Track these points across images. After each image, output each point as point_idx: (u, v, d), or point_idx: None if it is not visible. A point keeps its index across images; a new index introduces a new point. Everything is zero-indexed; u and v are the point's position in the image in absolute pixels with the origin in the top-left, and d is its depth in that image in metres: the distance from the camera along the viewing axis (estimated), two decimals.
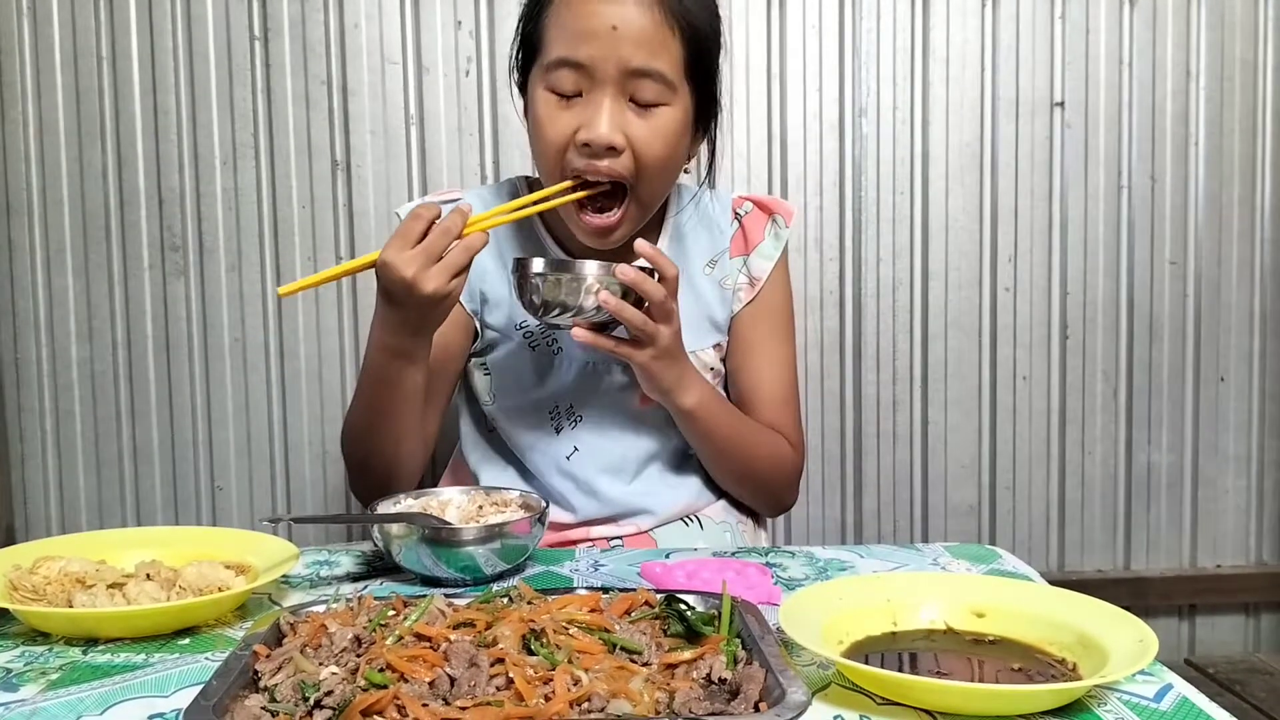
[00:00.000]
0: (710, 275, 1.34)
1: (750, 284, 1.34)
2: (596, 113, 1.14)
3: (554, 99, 1.17)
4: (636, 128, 1.15)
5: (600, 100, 1.14)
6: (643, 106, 1.16)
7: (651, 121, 1.16)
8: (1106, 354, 1.92)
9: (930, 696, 0.73)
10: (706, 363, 1.34)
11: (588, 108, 1.15)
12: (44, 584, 0.93)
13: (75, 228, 1.81)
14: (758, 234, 1.35)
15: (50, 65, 1.78)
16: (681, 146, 1.22)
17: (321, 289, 1.82)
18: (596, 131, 1.13)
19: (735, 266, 1.34)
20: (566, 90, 1.16)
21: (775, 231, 1.35)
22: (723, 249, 1.34)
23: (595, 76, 1.14)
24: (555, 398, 1.31)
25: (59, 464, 1.85)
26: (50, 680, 0.80)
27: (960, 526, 1.93)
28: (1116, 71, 1.87)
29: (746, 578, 1.02)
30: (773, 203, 1.36)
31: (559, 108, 1.16)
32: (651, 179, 1.19)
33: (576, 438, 1.31)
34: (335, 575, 1.08)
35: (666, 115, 1.17)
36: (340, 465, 1.87)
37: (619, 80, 1.14)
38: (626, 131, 1.15)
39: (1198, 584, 1.96)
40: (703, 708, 0.69)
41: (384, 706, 0.67)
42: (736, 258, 1.34)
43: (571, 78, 1.15)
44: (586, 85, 1.15)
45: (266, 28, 1.78)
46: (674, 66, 1.16)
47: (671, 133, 1.18)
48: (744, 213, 1.36)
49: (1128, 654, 0.76)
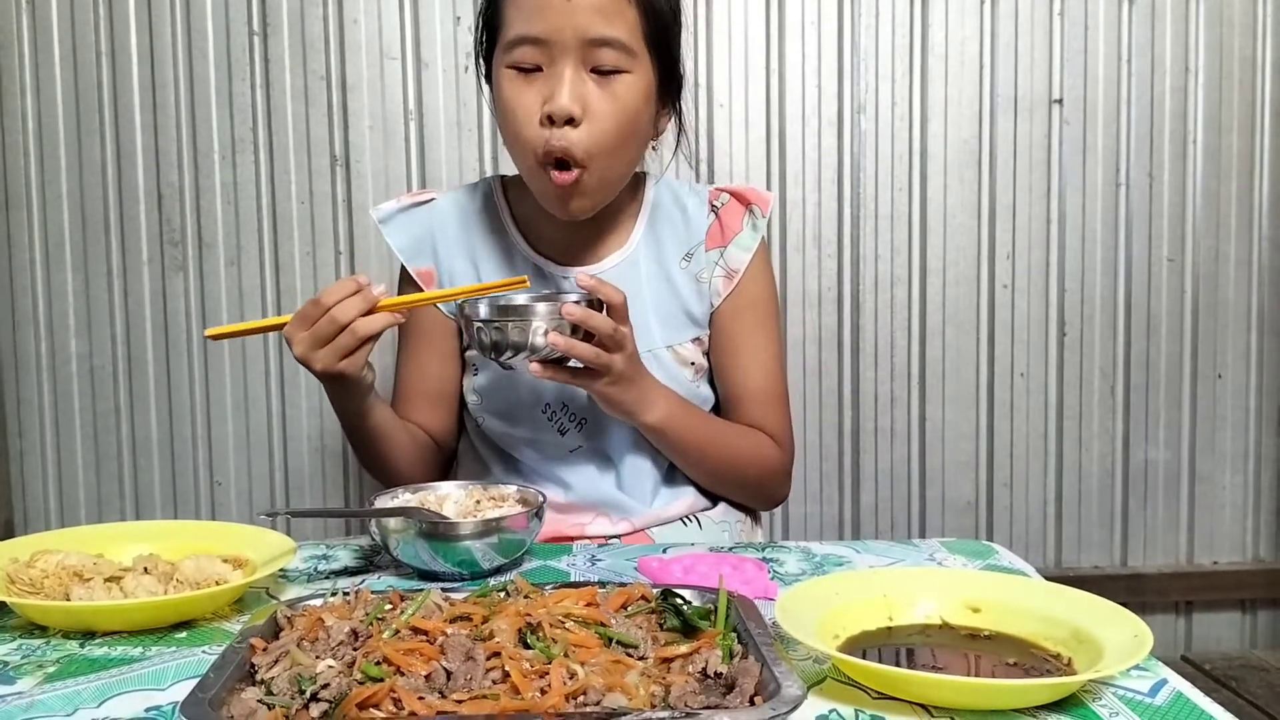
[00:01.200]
0: (686, 269, 1.33)
1: (728, 276, 1.33)
2: (558, 84, 1.15)
3: (517, 76, 1.18)
4: (596, 98, 1.16)
5: (561, 72, 1.15)
6: (603, 75, 1.17)
7: (612, 89, 1.17)
8: (1104, 351, 1.92)
9: (925, 691, 0.74)
10: (685, 357, 1.33)
11: (549, 80, 1.16)
12: (41, 577, 0.93)
13: (74, 223, 1.81)
14: (735, 225, 1.34)
15: (49, 60, 1.78)
16: (645, 116, 1.22)
17: (319, 283, 1.82)
18: (556, 103, 1.14)
19: (711, 259, 1.33)
20: (527, 65, 1.17)
21: (752, 222, 1.33)
22: (698, 242, 1.33)
23: (554, 49, 1.15)
24: (550, 398, 1.31)
25: (58, 458, 1.85)
26: (47, 673, 0.81)
27: (958, 523, 1.93)
28: (1115, 68, 1.87)
29: (743, 572, 1.03)
30: (749, 192, 1.35)
31: (522, 84, 1.17)
32: (604, 153, 1.18)
33: (583, 438, 1.31)
34: (333, 569, 1.08)
35: (628, 82, 1.18)
36: (339, 460, 1.87)
37: (578, 50, 1.15)
38: (586, 102, 1.15)
39: (1194, 581, 1.96)
40: (698, 701, 0.70)
41: (380, 699, 0.68)
42: (713, 250, 1.33)
43: (532, 53, 1.16)
44: (546, 59, 1.16)
45: (265, 23, 1.78)
46: (632, 33, 1.17)
47: (633, 100, 1.18)
48: (720, 204, 1.35)
49: (1123, 649, 0.76)
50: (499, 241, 1.32)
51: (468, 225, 1.33)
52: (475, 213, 1.33)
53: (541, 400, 1.30)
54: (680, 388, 1.30)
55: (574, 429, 1.31)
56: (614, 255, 1.31)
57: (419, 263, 1.33)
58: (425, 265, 1.33)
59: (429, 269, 1.33)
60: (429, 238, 1.33)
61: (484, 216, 1.33)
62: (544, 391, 1.29)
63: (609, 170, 1.21)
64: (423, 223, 1.33)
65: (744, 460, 1.32)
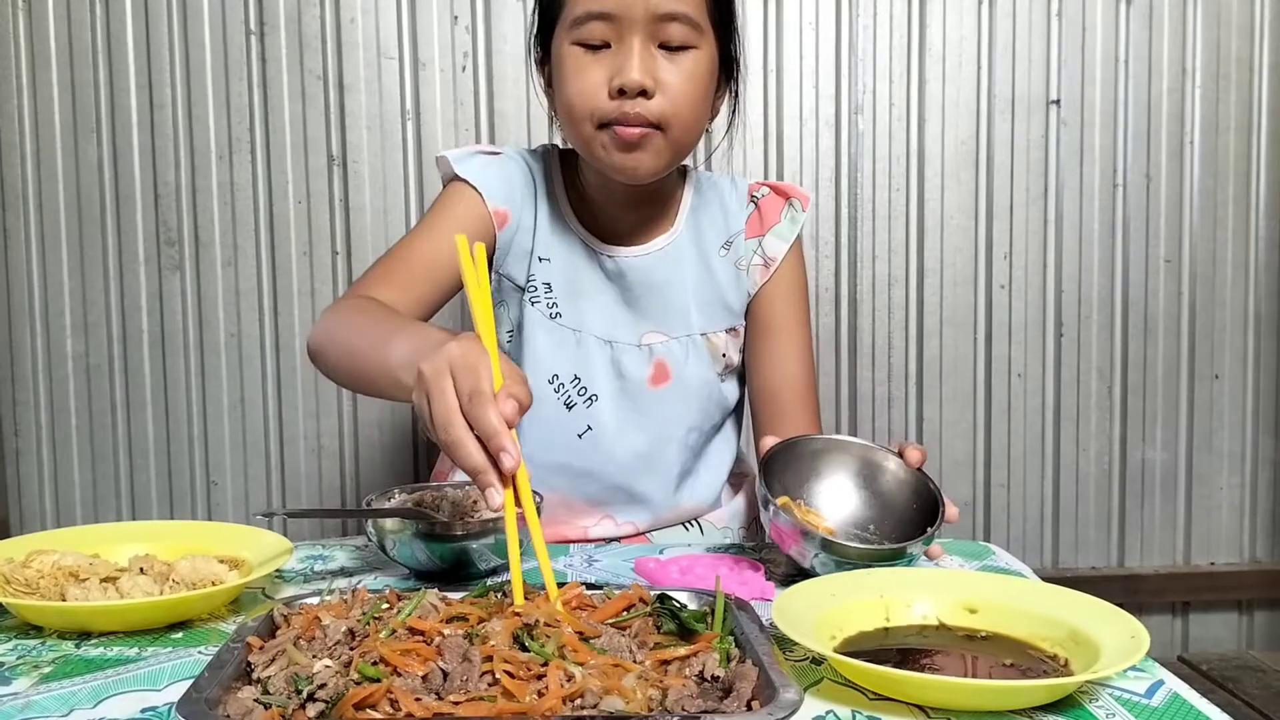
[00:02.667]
0: (725, 257, 1.33)
1: (765, 265, 1.34)
2: (628, 57, 1.15)
3: (583, 53, 1.17)
4: (667, 71, 1.17)
5: (630, 46, 1.15)
6: (671, 51, 1.17)
7: (681, 64, 1.17)
8: (1101, 351, 1.92)
9: (922, 692, 0.74)
10: (718, 348, 1.32)
11: (618, 55, 1.16)
12: (37, 578, 0.93)
13: (71, 222, 1.80)
14: (774, 216, 1.35)
15: (46, 59, 1.78)
16: (709, 91, 1.23)
17: (316, 283, 1.83)
18: (629, 76, 1.14)
19: (750, 248, 1.34)
20: (595, 41, 1.17)
21: (791, 215, 1.35)
22: (738, 230, 1.34)
23: (623, 24, 1.15)
24: (564, 370, 1.28)
25: (54, 458, 1.85)
26: (43, 674, 0.80)
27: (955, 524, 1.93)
28: (1112, 70, 1.88)
29: (740, 574, 1.03)
30: (789, 188, 1.37)
31: (589, 60, 1.17)
32: (683, 121, 1.19)
33: (591, 417, 1.28)
34: (329, 570, 1.08)
35: (695, 57, 1.18)
36: (336, 461, 1.87)
37: (647, 25, 1.15)
38: (657, 75, 1.16)
39: (1192, 581, 1.96)
40: (695, 705, 0.69)
41: (377, 700, 0.67)
42: (752, 239, 1.34)
43: (600, 28, 1.16)
44: (614, 35, 1.16)
45: (263, 22, 1.78)
46: (698, 9, 1.17)
47: (701, 74, 1.19)
48: (760, 196, 1.36)
49: (1120, 650, 0.76)
50: (553, 210, 1.31)
51: (535, 185, 1.31)
52: (541, 175, 1.32)
53: (554, 373, 1.27)
54: (705, 384, 1.31)
55: (582, 404, 1.28)
56: (660, 238, 1.31)
57: (497, 203, 1.28)
58: (502, 206, 1.28)
59: (505, 210, 1.28)
60: (505, 183, 1.29)
61: (547, 181, 1.32)
62: (560, 362, 1.27)
63: (681, 137, 1.20)
64: (500, 169, 1.30)
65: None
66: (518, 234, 1.28)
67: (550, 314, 1.28)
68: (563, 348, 1.28)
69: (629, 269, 1.28)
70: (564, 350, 1.28)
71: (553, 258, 1.27)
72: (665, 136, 1.17)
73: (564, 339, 1.28)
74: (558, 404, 1.28)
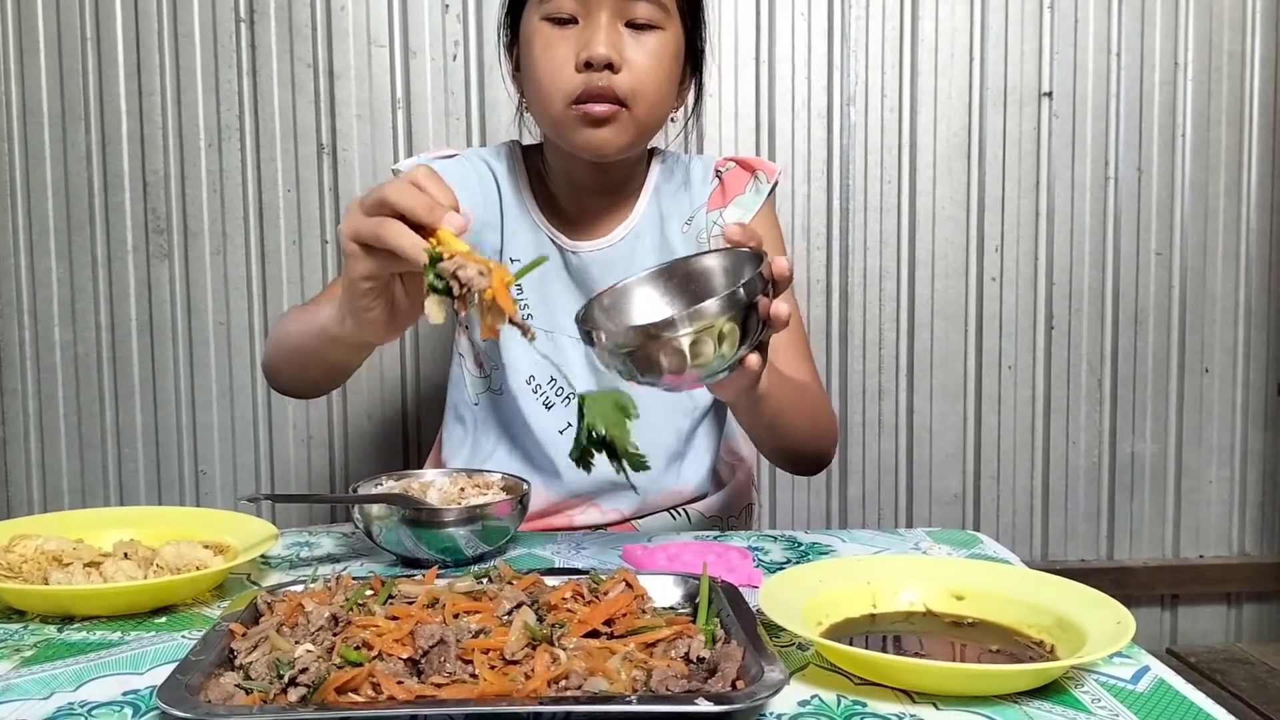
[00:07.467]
0: (687, 233, 1.33)
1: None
2: (595, 32, 1.16)
3: (551, 28, 1.19)
4: (632, 48, 1.18)
5: (598, 21, 1.17)
6: (638, 29, 1.19)
7: (646, 43, 1.19)
8: (1091, 344, 1.92)
9: (908, 677, 0.73)
10: None
11: (585, 31, 1.17)
12: (20, 562, 0.92)
13: (59, 210, 1.79)
14: (737, 189, 1.34)
15: (34, 46, 1.77)
16: (674, 74, 1.23)
17: (306, 272, 1.82)
18: (595, 49, 1.15)
19: (711, 219, 1.34)
20: (564, 14, 1.18)
21: (756, 187, 1.34)
22: (699, 205, 1.34)
23: (591, 1, 1.17)
24: (540, 372, 1.29)
25: (42, 447, 1.84)
26: (24, 657, 0.80)
27: (944, 515, 1.93)
28: (1105, 62, 1.88)
29: (727, 560, 1.02)
30: (755, 161, 1.37)
31: (557, 36, 1.19)
32: (648, 98, 1.19)
33: (571, 414, 1.27)
34: (315, 556, 1.07)
35: (661, 37, 1.20)
36: (324, 450, 1.86)
37: (614, 3, 1.17)
38: (623, 51, 1.17)
39: (1180, 574, 1.96)
40: (680, 686, 0.69)
41: (359, 684, 0.67)
42: (713, 211, 1.34)
43: (569, 3, 1.18)
44: (582, 10, 1.17)
45: (252, 10, 1.77)
46: None
47: (665, 55, 1.20)
48: (725, 170, 1.36)
49: (1105, 636, 0.76)
50: (519, 207, 1.32)
51: (496, 184, 1.32)
52: (503, 173, 1.32)
53: (525, 371, 1.28)
54: None
55: (560, 404, 1.29)
56: (620, 228, 1.31)
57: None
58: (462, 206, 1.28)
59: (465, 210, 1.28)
60: (462, 185, 1.27)
61: (510, 178, 1.32)
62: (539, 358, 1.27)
63: (646, 116, 1.21)
64: (456, 169, 1.30)
65: (821, 415, 1.26)
66: (484, 232, 1.29)
67: (523, 315, 1.28)
68: (537, 348, 1.28)
69: (591, 263, 1.29)
70: (538, 351, 1.28)
71: (523, 258, 1.28)
72: (630, 114, 1.19)
73: (538, 340, 1.28)
74: (537, 404, 1.29)
